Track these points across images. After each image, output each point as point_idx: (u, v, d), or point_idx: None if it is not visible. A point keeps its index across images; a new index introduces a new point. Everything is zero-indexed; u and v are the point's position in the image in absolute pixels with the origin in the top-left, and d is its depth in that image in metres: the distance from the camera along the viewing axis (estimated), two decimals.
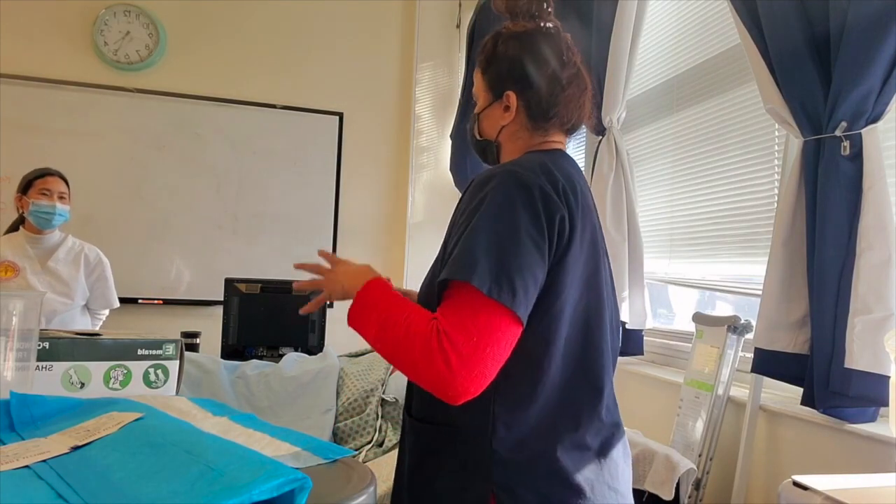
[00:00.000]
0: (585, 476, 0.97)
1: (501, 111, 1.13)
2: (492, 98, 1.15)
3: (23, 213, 2.63)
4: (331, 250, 3.72)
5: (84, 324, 2.75)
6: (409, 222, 3.83)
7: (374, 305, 0.98)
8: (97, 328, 2.84)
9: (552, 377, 0.97)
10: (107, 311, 2.90)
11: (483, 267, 0.90)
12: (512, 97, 1.12)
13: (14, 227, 2.71)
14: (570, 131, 1.16)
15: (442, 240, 1.06)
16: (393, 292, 1.01)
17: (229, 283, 2.65)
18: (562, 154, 1.11)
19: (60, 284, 2.64)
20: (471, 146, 1.23)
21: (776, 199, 1.78)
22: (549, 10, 1.16)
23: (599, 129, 2.43)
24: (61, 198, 2.63)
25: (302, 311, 1.17)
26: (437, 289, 0.94)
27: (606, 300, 1.06)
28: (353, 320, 1.01)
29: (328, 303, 1.38)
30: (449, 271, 0.92)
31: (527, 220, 0.94)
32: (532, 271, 0.92)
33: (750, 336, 1.73)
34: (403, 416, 1.13)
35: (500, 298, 0.88)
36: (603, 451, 1.01)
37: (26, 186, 2.61)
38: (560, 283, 0.96)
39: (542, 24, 1.14)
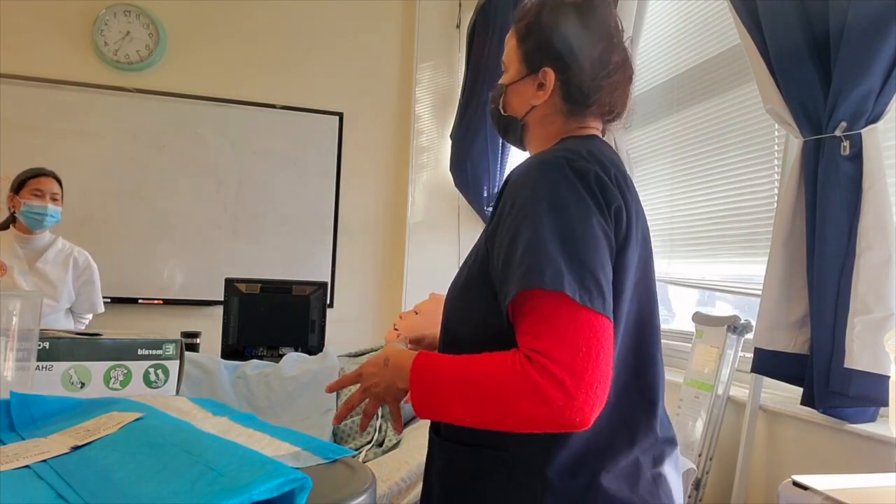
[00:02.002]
0: (643, 499, 0.88)
1: (534, 88, 1.00)
2: (525, 71, 1.01)
3: (14, 212, 2.62)
4: (331, 250, 3.72)
5: (67, 327, 2.74)
6: (409, 222, 3.83)
7: (438, 381, 0.85)
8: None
9: (610, 389, 0.83)
10: (90, 316, 2.89)
11: (568, 270, 0.78)
12: (550, 75, 0.98)
13: (4, 226, 2.70)
14: (609, 121, 1.03)
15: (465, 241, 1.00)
16: (444, 356, 0.89)
17: (229, 283, 2.65)
18: (601, 140, 0.99)
19: (48, 286, 2.63)
20: (491, 119, 1.09)
21: (776, 199, 1.78)
22: None
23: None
24: (53, 199, 2.62)
25: (328, 389, 1.05)
26: (505, 302, 0.82)
27: (656, 304, 0.95)
28: (426, 409, 0.87)
29: (328, 303, 1.33)
30: (525, 280, 0.78)
31: (594, 210, 0.83)
32: (609, 268, 0.82)
33: (750, 336, 1.73)
34: (431, 436, 1.02)
35: (592, 305, 0.77)
36: (658, 469, 0.91)
37: (19, 186, 2.60)
38: (619, 284, 0.85)
39: None
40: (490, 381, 0.79)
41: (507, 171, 3.47)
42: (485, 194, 3.54)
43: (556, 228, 0.80)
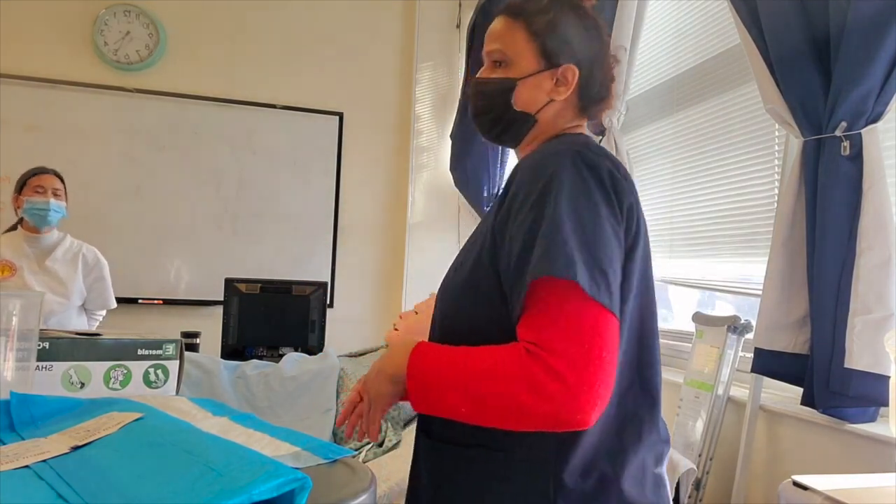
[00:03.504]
0: (649, 500, 0.86)
1: (552, 84, 0.98)
2: (542, 66, 0.99)
3: (19, 212, 2.63)
4: (331, 250, 3.72)
5: (80, 324, 2.75)
6: (409, 222, 3.83)
7: (438, 368, 0.83)
8: (94, 329, 2.84)
9: (614, 388, 0.81)
10: (104, 312, 2.89)
11: (580, 261, 0.76)
12: (573, 72, 0.98)
13: (14, 228, 2.71)
14: (591, 117, 1.04)
15: (463, 234, 0.97)
16: (443, 347, 0.86)
17: (229, 283, 2.65)
18: (592, 139, 0.99)
19: (58, 284, 2.64)
20: (482, 115, 1.02)
21: (776, 199, 1.78)
22: None
23: (599, 129, 2.43)
24: (56, 194, 2.63)
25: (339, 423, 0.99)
26: (515, 290, 0.80)
27: (655, 301, 0.93)
28: (422, 403, 0.84)
29: (328, 303, 1.27)
30: (541, 267, 0.76)
31: (605, 206, 0.82)
32: (617, 266, 0.80)
33: (750, 336, 1.72)
34: (419, 439, 0.97)
35: (599, 298, 0.75)
36: (658, 470, 0.90)
37: (21, 186, 2.62)
38: (627, 282, 0.83)
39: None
40: (490, 373, 0.77)
41: (507, 171, 3.48)
42: (485, 194, 3.54)
43: (572, 224, 0.79)
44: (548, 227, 0.79)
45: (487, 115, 1.01)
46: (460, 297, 0.91)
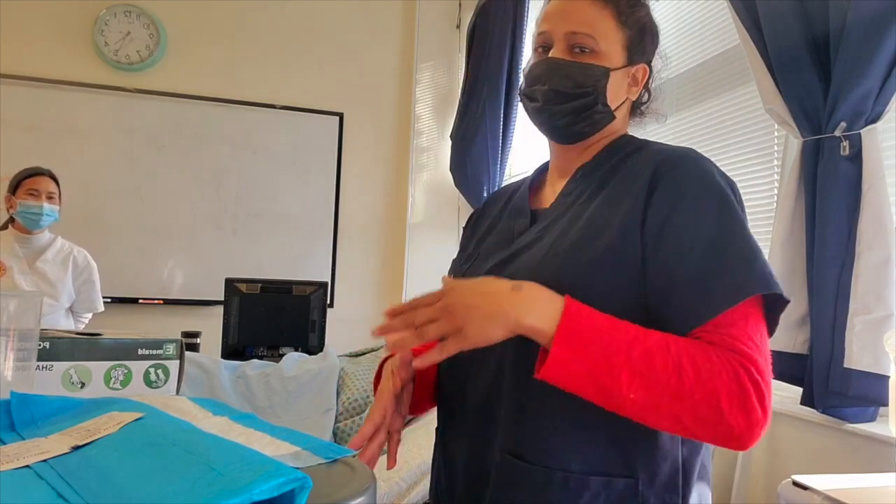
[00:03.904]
0: None
1: (627, 82, 0.95)
2: (626, 61, 0.94)
3: (11, 212, 2.62)
4: (331, 250, 3.72)
5: (67, 326, 2.75)
6: (409, 222, 3.84)
7: (600, 336, 0.72)
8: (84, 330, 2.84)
9: None
10: (90, 315, 2.89)
11: (772, 279, 0.74)
12: (644, 72, 0.96)
13: (4, 227, 2.70)
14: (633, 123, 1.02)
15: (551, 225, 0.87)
16: (611, 318, 0.74)
17: (229, 283, 2.65)
18: None
19: (47, 285, 2.64)
20: (562, 103, 0.90)
21: (775, 199, 1.78)
22: None
23: None
24: (50, 198, 2.63)
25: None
26: (716, 309, 0.73)
27: None
28: (573, 369, 0.71)
29: (328, 303, 1.15)
30: (750, 285, 0.73)
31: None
32: None
33: None
34: (503, 463, 0.83)
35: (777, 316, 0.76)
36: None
37: (15, 186, 2.61)
38: None
39: None
40: (688, 363, 0.70)
41: (507, 172, 3.48)
42: (484, 194, 3.54)
43: (750, 239, 0.78)
44: (741, 243, 0.76)
45: (570, 101, 0.90)
46: (592, 274, 0.80)
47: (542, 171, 1.05)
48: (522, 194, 1.01)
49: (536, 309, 0.73)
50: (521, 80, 0.98)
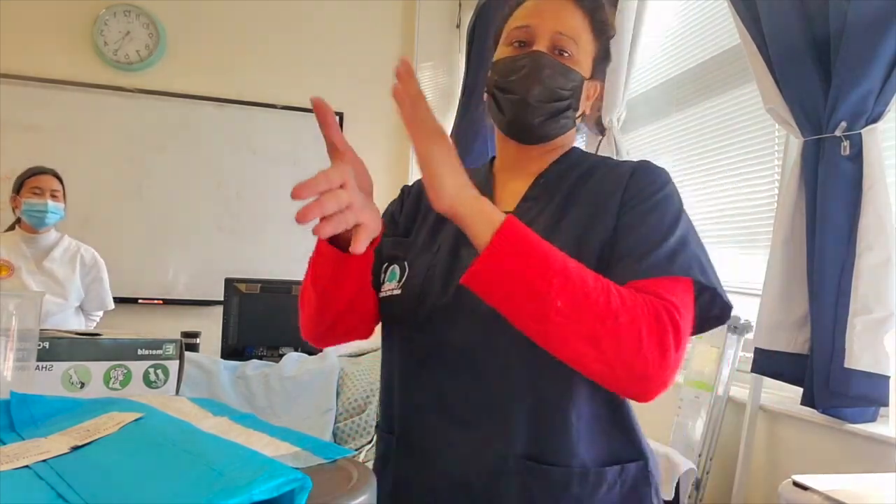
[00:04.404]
0: None
1: (586, 95, 0.95)
2: (591, 74, 0.94)
3: (17, 212, 2.63)
4: None
5: (78, 325, 2.74)
6: None
7: (537, 253, 0.71)
8: (91, 329, 2.84)
9: None
10: (101, 313, 2.89)
11: (712, 274, 0.81)
12: (596, 90, 0.96)
13: (11, 227, 2.71)
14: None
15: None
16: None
17: (229, 283, 2.65)
18: None
19: (55, 285, 2.64)
20: (548, 102, 0.90)
21: (776, 199, 1.78)
22: None
23: (599, 129, 2.43)
24: (54, 196, 2.62)
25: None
26: (646, 273, 0.77)
27: None
28: (502, 281, 0.71)
29: None
30: (686, 268, 0.78)
31: None
32: None
33: (750, 336, 1.72)
34: (515, 469, 0.80)
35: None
36: None
37: (19, 186, 2.62)
38: None
39: None
40: (616, 293, 0.71)
41: None
42: None
43: (699, 240, 0.83)
44: (685, 235, 0.81)
45: (551, 101, 0.90)
46: None
47: (487, 168, 1.02)
48: (483, 191, 0.94)
49: (479, 213, 0.74)
50: (492, 72, 0.96)
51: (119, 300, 2.95)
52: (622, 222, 0.84)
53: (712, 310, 0.84)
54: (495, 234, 0.71)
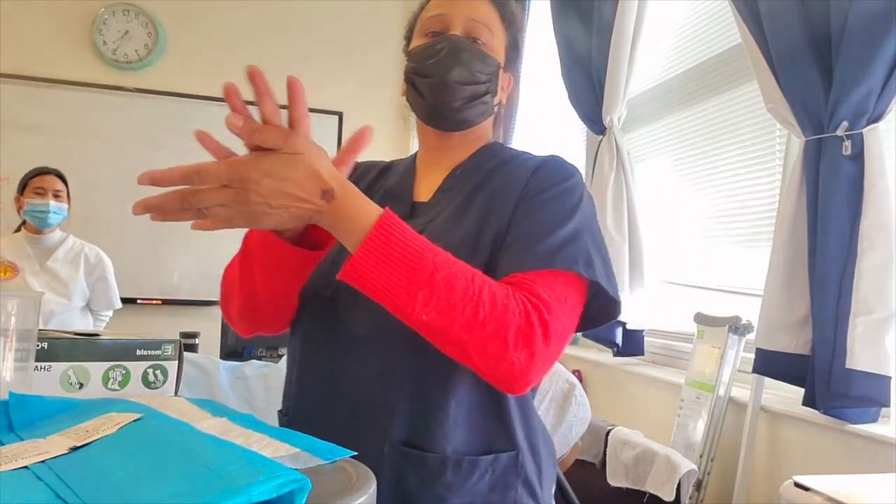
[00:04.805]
0: None
1: (501, 84, 0.98)
2: (504, 63, 0.97)
3: (21, 213, 2.64)
4: None
5: (84, 325, 2.75)
6: None
7: (412, 253, 0.70)
8: (101, 329, 2.84)
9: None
10: (110, 312, 2.89)
11: (601, 270, 0.82)
12: (509, 82, 1.00)
13: (17, 229, 2.72)
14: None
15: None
16: (426, 239, 0.74)
17: None
18: None
19: (59, 285, 2.64)
20: (466, 85, 0.91)
21: (777, 198, 1.78)
22: None
23: (600, 129, 2.43)
24: (56, 196, 2.63)
25: (194, 227, 0.79)
26: (530, 266, 0.78)
27: None
28: (373, 278, 0.70)
29: None
30: (571, 261, 0.79)
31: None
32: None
33: (751, 336, 1.72)
34: (390, 454, 0.81)
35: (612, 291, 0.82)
36: None
37: (23, 187, 2.62)
38: None
39: None
40: (487, 296, 0.72)
41: None
42: None
43: (596, 235, 0.85)
44: (577, 229, 0.82)
45: (469, 85, 0.91)
46: None
47: (412, 160, 1.04)
48: (403, 181, 0.99)
49: (347, 220, 0.72)
50: (409, 60, 0.99)
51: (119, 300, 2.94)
52: (517, 214, 0.85)
53: (599, 305, 0.85)
54: (359, 245, 0.70)
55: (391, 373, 0.83)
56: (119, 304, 2.87)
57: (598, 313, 0.87)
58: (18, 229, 2.72)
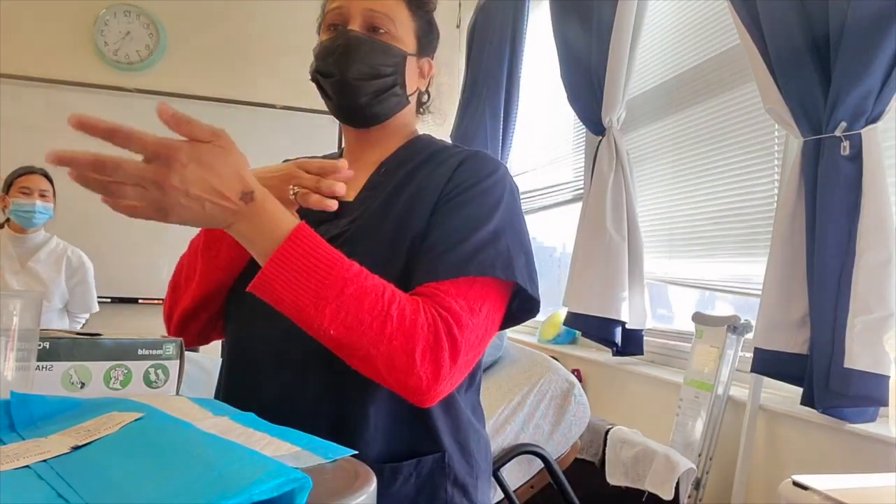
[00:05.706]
0: None
1: (417, 73, 0.97)
2: (416, 50, 0.95)
3: (6, 211, 2.63)
4: None
5: (61, 326, 2.75)
6: None
7: (318, 264, 0.69)
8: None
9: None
10: (87, 315, 2.89)
11: (523, 269, 0.81)
12: (430, 67, 0.99)
13: (1, 227, 2.71)
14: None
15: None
16: (339, 253, 0.73)
17: None
18: None
19: (38, 285, 2.64)
20: (366, 80, 0.90)
21: (776, 199, 1.78)
22: None
23: (599, 130, 2.43)
24: (42, 195, 2.62)
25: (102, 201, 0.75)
26: (447, 274, 0.77)
27: None
28: (281, 290, 0.69)
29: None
30: (487, 266, 0.78)
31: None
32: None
33: (750, 336, 1.73)
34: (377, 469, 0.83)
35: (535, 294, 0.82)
36: None
37: (8, 186, 2.62)
38: None
39: None
40: (397, 311, 0.71)
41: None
42: None
43: (519, 233, 0.84)
44: (498, 230, 0.81)
45: (372, 80, 0.89)
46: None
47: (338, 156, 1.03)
48: None
49: (261, 227, 0.71)
50: (314, 59, 0.96)
51: (119, 300, 2.95)
52: (436, 216, 0.84)
53: (519, 302, 0.85)
54: (270, 257, 0.70)
55: (310, 382, 0.82)
56: (96, 308, 2.87)
57: (519, 311, 0.86)
58: (1, 227, 2.71)
